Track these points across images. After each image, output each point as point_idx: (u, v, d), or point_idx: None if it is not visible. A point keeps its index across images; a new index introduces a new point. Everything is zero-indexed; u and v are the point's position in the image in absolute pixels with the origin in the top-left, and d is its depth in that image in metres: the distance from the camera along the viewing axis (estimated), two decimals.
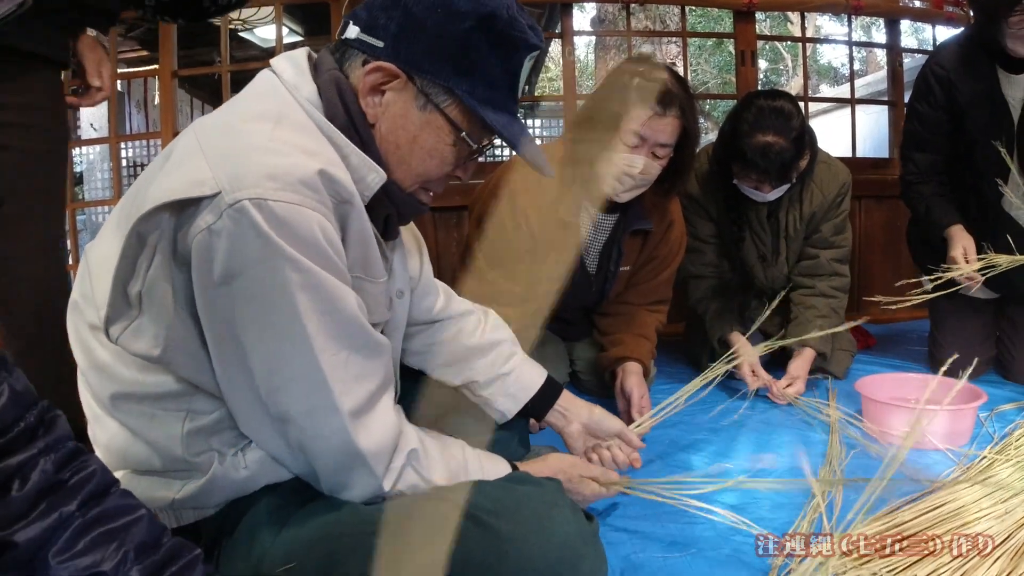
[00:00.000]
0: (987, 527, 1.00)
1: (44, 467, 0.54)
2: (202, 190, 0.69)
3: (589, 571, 0.76)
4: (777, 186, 1.72)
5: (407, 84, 0.81)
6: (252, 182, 0.68)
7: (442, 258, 2.54)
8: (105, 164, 5.89)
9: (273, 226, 0.68)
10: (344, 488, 0.81)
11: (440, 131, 0.83)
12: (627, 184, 1.51)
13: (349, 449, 0.77)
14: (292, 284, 0.70)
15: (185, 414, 0.77)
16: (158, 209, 0.70)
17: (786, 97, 1.73)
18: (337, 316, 0.75)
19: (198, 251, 0.69)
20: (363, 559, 0.72)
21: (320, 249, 0.72)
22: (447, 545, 0.70)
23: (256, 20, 4.70)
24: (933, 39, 3.19)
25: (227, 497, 0.81)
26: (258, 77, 0.83)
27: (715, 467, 1.36)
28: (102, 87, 1.41)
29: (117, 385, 0.77)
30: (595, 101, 1.53)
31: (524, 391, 1.12)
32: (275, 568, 0.74)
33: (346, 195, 0.76)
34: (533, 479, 0.87)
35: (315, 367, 0.73)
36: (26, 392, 0.57)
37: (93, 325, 0.78)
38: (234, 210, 0.67)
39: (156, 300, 0.73)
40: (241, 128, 0.75)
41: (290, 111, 0.78)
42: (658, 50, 5.78)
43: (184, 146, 0.75)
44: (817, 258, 1.92)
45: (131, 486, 0.79)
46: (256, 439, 0.80)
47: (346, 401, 0.76)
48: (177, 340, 0.74)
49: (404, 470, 0.82)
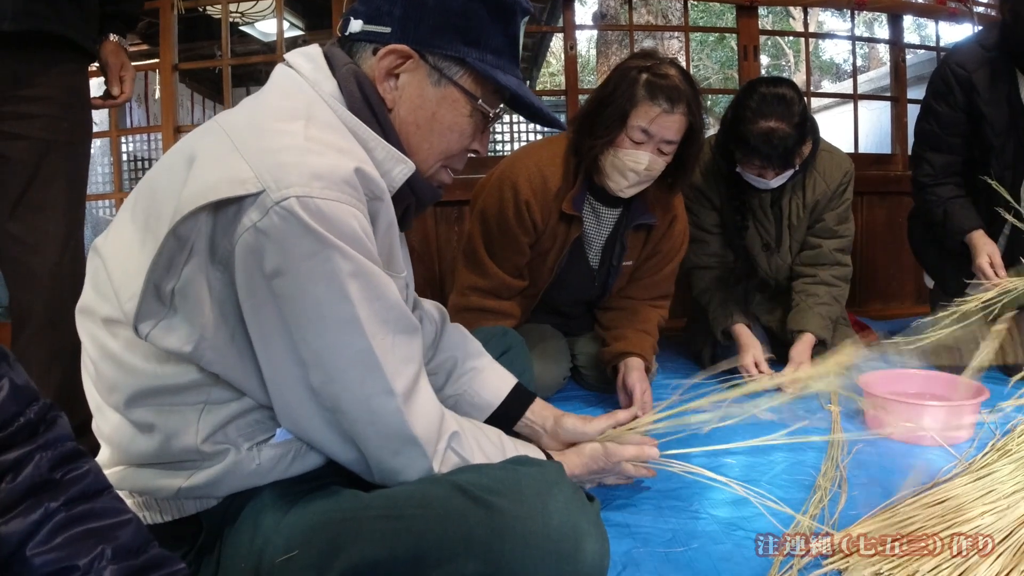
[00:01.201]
0: (989, 523, 1.00)
1: (39, 463, 0.54)
2: (245, 188, 0.69)
3: (592, 550, 0.75)
4: (780, 172, 1.72)
5: (419, 63, 0.85)
6: (297, 180, 0.70)
7: (442, 252, 2.54)
8: (106, 158, 5.88)
9: (320, 221, 0.70)
10: (398, 473, 0.81)
11: (457, 103, 0.87)
12: (632, 180, 1.51)
13: (403, 431, 0.79)
14: (343, 273, 0.72)
15: (203, 405, 0.78)
16: (198, 209, 0.70)
17: (788, 84, 1.73)
18: (385, 302, 0.77)
19: (244, 249, 0.71)
20: (366, 543, 0.73)
21: (361, 241, 0.74)
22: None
23: (257, 14, 4.70)
24: (936, 35, 3.18)
25: (234, 489, 0.81)
26: (278, 73, 0.85)
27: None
28: (121, 93, 1.45)
29: (132, 377, 0.77)
30: (602, 95, 1.50)
31: (480, 411, 1.12)
32: (277, 556, 0.74)
33: (378, 191, 0.79)
34: (535, 460, 0.87)
35: (369, 352, 0.76)
36: (27, 387, 0.56)
37: (108, 318, 0.79)
38: (281, 207, 0.69)
39: (191, 298, 0.74)
40: (274, 127, 0.76)
41: (317, 109, 0.80)
42: (660, 45, 5.76)
43: (214, 145, 0.75)
44: (820, 248, 1.92)
45: (133, 478, 0.80)
46: (301, 432, 0.81)
47: (398, 384, 0.78)
48: (210, 338, 0.75)
49: (447, 453, 0.84)
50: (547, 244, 1.63)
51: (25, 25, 1.23)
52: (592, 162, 1.53)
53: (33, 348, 1.32)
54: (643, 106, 1.44)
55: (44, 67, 1.29)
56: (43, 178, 1.30)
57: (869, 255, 2.82)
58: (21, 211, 1.30)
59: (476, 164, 2.71)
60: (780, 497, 1.18)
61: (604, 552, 0.78)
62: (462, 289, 1.66)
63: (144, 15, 3.34)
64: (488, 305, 1.63)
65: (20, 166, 1.28)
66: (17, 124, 1.28)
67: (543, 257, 1.65)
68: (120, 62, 1.45)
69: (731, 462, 1.36)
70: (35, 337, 1.32)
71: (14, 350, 1.33)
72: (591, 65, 9.86)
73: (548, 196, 1.56)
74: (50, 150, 1.30)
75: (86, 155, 1.41)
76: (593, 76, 8.01)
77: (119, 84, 1.45)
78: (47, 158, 1.30)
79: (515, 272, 1.62)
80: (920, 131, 1.93)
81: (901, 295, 2.89)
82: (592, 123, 1.50)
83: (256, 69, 5.00)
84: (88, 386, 0.84)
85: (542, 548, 0.73)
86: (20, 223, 1.30)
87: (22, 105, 1.28)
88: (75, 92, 1.36)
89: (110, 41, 1.44)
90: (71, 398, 1.12)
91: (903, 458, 1.36)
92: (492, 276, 1.60)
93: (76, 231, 1.37)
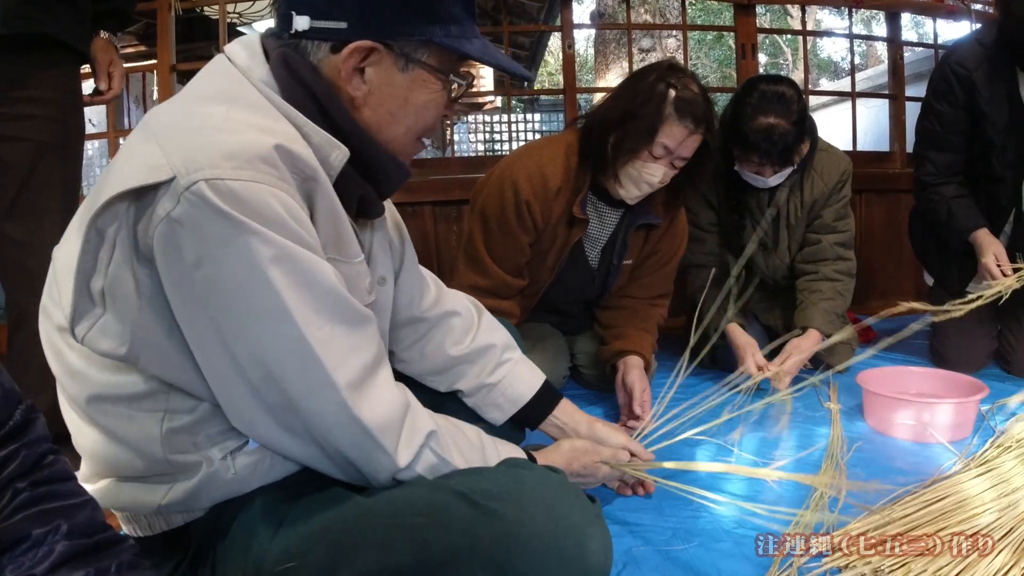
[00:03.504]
0: (989, 520, 1.00)
1: (23, 461, 0.55)
2: (157, 176, 0.66)
3: (596, 551, 0.75)
4: (778, 170, 1.72)
5: (384, 54, 0.79)
6: (207, 162, 0.66)
7: (442, 252, 2.53)
8: (104, 160, 5.88)
9: (233, 205, 0.66)
10: (359, 470, 0.78)
11: (427, 83, 0.83)
12: (644, 191, 1.51)
13: (353, 425, 0.74)
14: (263, 259, 0.67)
15: (163, 414, 0.75)
16: (115, 200, 0.67)
17: (787, 82, 1.73)
18: (316, 288, 0.72)
19: (161, 241, 0.67)
20: (369, 553, 0.71)
21: (285, 223, 0.69)
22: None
23: (254, 14, 4.69)
24: (934, 32, 3.19)
25: (215, 499, 0.79)
26: (212, 62, 0.81)
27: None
28: (108, 89, 1.45)
29: (91, 388, 0.75)
30: (627, 106, 1.46)
31: (512, 403, 1.11)
32: (275, 567, 0.73)
33: (309, 171, 0.74)
34: (532, 464, 0.87)
35: (303, 342, 0.71)
36: (12, 391, 0.57)
37: (61, 327, 0.75)
38: (191, 193, 0.65)
39: (119, 296, 0.70)
40: (194, 111, 0.72)
41: (244, 91, 0.76)
42: (657, 44, 5.75)
43: (136, 135, 0.73)
44: (820, 243, 1.91)
45: (116, 494, 0.78)
46: (255, 435, 0.77)
47: (341, 374, 0.73)
48: (143, 336, 0.71)
49: (423, 451, 0.80)
50: (547, 243, 1.63)
51: (18, 28, 1.23)
52: (607, 170, 1.52)
53: (30, 350, 1.32)
54: (670, 125, 1.43)
55: (37, 69, 1.29)
56: (38, 179, 1.30)
57: (867, 253, 2.82)
58: (17, 213, 1.30)
59: (476, 163, 2.71)
60: (780, 493, 1.18)
61: (608, 552, 0.78)
62: (462, 288, 1.65)
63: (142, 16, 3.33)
64: (488, 304, 1.61)
65: (15, 168, 1.29)
66: (12, 126, 1.28)
67: (543, 256, 1.65)
68: (109, 58, 1.45)
69: (731, 459, 1.36)
70: (32, 338, 1.32)
71: (10, 352, 1.34)
72: (589, 64, 9.85)
73: (549, 196, 1.56)
74: (45, 151, 1.31)
75: (80, 156, 1.41)
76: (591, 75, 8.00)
77: (107, 80, 1.45)
78: (42, 160, 1.30)
79: (515, 271, 1.62)
80: (921, 130, 1.92)
81: (900, 293, 2.89)
82: (612, 132, 1.48)
83: None
84: (62, 401, 0.81)
85: (547, 552, 0.72)
86: (16, 224, 1.30)
87: (16, 107, 1.28)
88: (69, 93, 1.36)
89: (100, 38, 1.44)
90: None
91: (903, 455, 1.36)
92: (492, 275, 1.60)
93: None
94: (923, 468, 1.28)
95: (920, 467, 1.29)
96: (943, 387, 1.59)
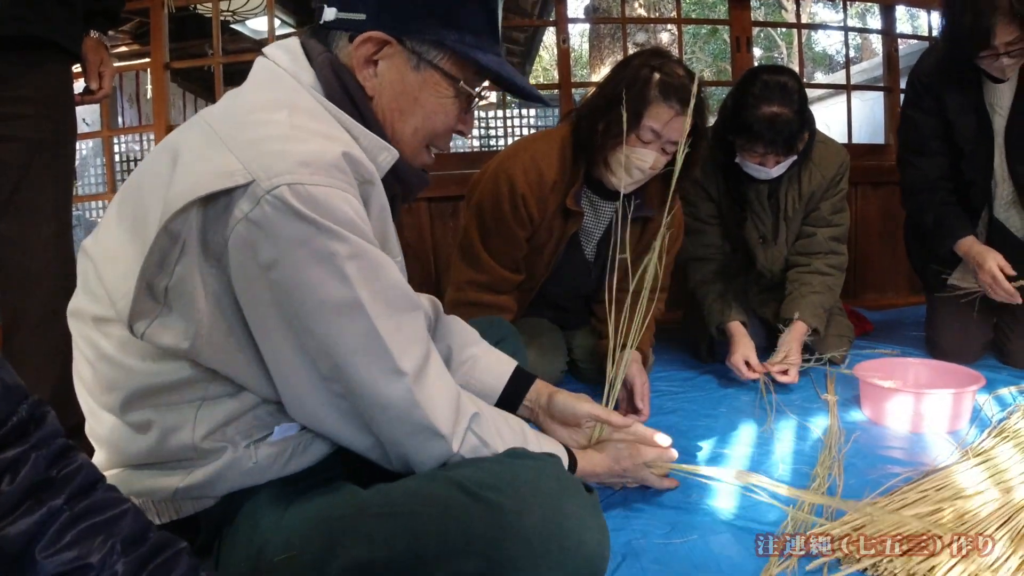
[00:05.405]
0: (986, 510, 1.01)
1: (35, 463, 0.54)
2: (234, 180, 0.69)
3: (592, 541, 0.75)
4: (782, 159, 1.71)
5: (398, 49, 0.83)
6: (285, 169, 0.69)
7: (438, 248, 2.53)
8: (98, 159, 5.86)
9: (312, 207, 0.70)
10: (414, 456, 0.81)
11: (438, 86, 0.85)
12: (636, 177, 1.51)
13: (415, 412, 0.78)
14: (340, 256, 0.72)
15: (200, 402, 0.77)
16: (189, 204, 0.70)
17: (788, 72, 1.74)
18: (386, 282, 0.77)
19: (238, 242, 0.70)
20: (365, 542, 0.72)
21: (355, 224, 0.74)
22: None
23: (247, 11, 4.67)
24: (928, 25, 3.19)
25: (231, 488, 0.81)
26: (258, 67, 0.84)
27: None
28: (99, 89, 1.45)
29: (128, 376, 0.77)
30: (611, 92, 1.47)
31: (485, 398, 1.09)
32: (276, 554, 0.74)
33: (368, 175, 0.78)
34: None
35: (374, 334, 0.75)
36: (16, 386, 0.56)
37: (99, 318, 0.78)
38: (273, 196, 0.69)
39: (185, 295, 0.73)
40: (258, 118, 0.75)
41: (299, 98, 0.79)
42: (652, 37, 5.73)
43: (199, 140, 0.75)
44: (814, 236, 1.92)
45: (129, 480, 0.79)
46: (314, 423, 0.80)
47: (406, 363, 0.77)
48: (206, 333, 0.74)
49: (467, 434, 0.83)
50: (543, 238, 1.62)
51: (10, 30, 1.23)
52: (597, 158, 1.53)
53: (27, 349, 1.32)
54: (656, 107, 1.43)
55: (29, 68, 1.29)
56: (32, 179, 1.30)
57: (863, 245, 2.83)
58: (11, 212, 1.29)
59: (471, 159, 2.70)
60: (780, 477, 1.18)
61: (604, 544, 0.77)
62: (459, 284, 1.65)
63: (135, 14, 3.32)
64: (485, 300, 1.62)
65: (9, 167, 1.28)
66: (4, 126, 1.27)
67: (540, 251, 1.65)
68: (99, 58, 1.45)
69: (729, 453, 1.37)
70: (29, 338, 1.32)
71: (7, 351, 1.34)
72: (584, 59, 9.84)
73: (544, 189, 1.56)
74: (38, 151, 1.31)
75: (72, 154, 1.42)
76: (586, 70, 7.98)
77: (97, 79, 1.45)
78: (36, 159, 1.30)
79: (512, 266, 1.62)
80: (903, 139, 1.95)
81: (895, 285, 2.90)
82: (600, 120, 1.49)
83: (247, 67, 4.94)
84: (80, 390, 0.83)
85: (542, 542, 0.72)
86: (10, 224, 1.30)
87: (8, 106, 1.28)
88: (61, 92, 1.36)
89: (90, 37, 1.44)
90: (66, 399, 1.12)
91: (900, 446, 1.36)
92: (489, 270, 1.60)
93: (66, 231, 1.37)
94: (920, 458, 1.29)
95: (917, 457, 1.30)
96: (940, 377, 1.60)
